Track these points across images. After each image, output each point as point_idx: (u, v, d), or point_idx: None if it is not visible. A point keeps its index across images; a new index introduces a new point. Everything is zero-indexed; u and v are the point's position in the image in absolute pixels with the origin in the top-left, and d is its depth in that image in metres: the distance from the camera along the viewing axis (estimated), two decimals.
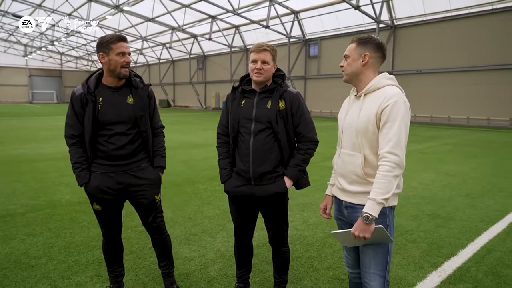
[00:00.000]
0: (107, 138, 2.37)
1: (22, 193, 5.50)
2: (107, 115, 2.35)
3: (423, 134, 14.67)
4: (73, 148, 2.42)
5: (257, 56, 2.28)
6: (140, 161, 2.48)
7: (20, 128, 16.09)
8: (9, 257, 3.29)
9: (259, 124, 2.31)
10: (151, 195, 2.50)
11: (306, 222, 4.28)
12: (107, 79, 2.39)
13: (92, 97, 2.33)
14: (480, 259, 3.30)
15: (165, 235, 2.68)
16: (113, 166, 2.40)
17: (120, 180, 2.41)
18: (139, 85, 2.46)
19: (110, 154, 2.38)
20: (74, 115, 2.40)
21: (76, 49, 52.07)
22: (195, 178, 6.55)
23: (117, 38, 2.30)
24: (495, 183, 6.27)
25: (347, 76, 1.94)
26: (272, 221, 2.47)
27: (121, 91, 2.41)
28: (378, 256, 1.85)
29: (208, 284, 2.88)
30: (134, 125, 2.42)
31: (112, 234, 2.58)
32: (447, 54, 20.84)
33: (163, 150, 2.62)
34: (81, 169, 2.41)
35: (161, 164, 2.58)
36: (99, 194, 2.40)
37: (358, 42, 1.89)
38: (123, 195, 2.49)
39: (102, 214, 2.50)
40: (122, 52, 2.29)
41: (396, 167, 1.70)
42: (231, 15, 28.16)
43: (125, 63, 2.30)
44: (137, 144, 2.45)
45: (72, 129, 2.42)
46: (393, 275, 3.00)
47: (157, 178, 2.55)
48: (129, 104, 2.40)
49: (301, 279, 2.95)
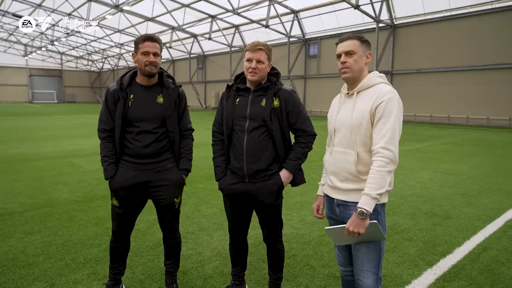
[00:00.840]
0: (134, 135, 2.41)
1: (20, 191, 5.52)
2: (136, 112, 2.40)
3: (422, 133, 14.68)
4: (104, 142, 2.49)
5: (252, 55, 2.29)
6: (166, 161, 2.50)
7: (20, 128, 16.11)
8: (7, 255, 3.31)
9: (253, 122, 2.32)
10: (170, 197, 2.51)
11: (303, 221, 4.30)
12: (139, 78, 2.46)
13: (123, 94, 2.40)
14: (475, 257, 3.32)
15: (177, 235, 2.70)
16: (139, 164, 2.44)
17: (144, 178, 2.44)
18: (170, 86, 2.50)
19: (136, 151, 2.41)
20: (107, 110, 2.46)
21: (76, 48, 52.10)
22: (193, 177, 6.57)
23: (143, 38, 2.37)
24: (492, 182, 6.28)
25: (352, 74, 1.87)
26: (266, 220, 2.48)
27: (152, 90, 2.47)
28: (371, 253, 1.87)
29: (204, 281, 2.89)
30: (161, 125, 2.45)
31: (122, 233, 2.59)
32: (447, 53, 20.85)
33: (190, 152, 2.62)
34: (109, 163, 2.45)
35: (186, 166, 2.58)
36: (120, 191, 2.44)
37: (360, 40, 1.89)
38: (144, 195, 2.51)
39: (118, 211, 2.52)
40: (146, 52, 2.34)
41: (390, 162, 1.72)
42: (231, 15, 28.17)
43: (148, 62, 2.34)
44: (164, 144, 2.48)
45: (104, 123, 2.48)
46: (388, 273, 3.02)
47: (180, 180, 2.55)
48: (159, 103, 2.45)
49: (297, 277, 2.97)
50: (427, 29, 21.73)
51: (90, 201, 5.03)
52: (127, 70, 2.56)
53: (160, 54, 2.42)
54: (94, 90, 63.80)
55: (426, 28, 21.76)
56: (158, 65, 2.40)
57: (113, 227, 2.60)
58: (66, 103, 57.85)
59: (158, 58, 2.39)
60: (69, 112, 31.22)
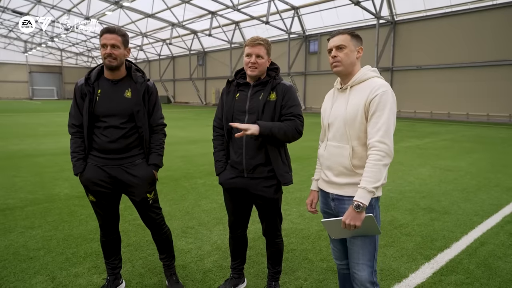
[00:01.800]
0: (102, 130, 2.39)
1: (21, 187, 5.55)
2: (102, 107, 2.37)
3: (422, 130, 14.69)
4: (73, 137, 2.47)
5: (252, 50, 2.31)
6: (134, 157, 2.45)
7: (20, 124, 16.13)
8: (8, 249, 3.34)
9: (252, 116, 2.33)
10: (142, 193, 2.47)
11: (302, 216, 4.33)
12: (106, 72, 2.42)
13: (90, 89, 2.37)
14: (472, 252, 3.35)
15: (164, 230, 2.67)
16: (106, 159, 2.41)
17: (112, 174, 2.41)
18: (139, 80, 2.44)
19: (103, 146, 2.39)
20: (75, 105, 2.45)
21: (76, 45, 52.07)
22: (193, 173, 6.60)
23: (102, 30, 2.34)
24: (491, 178, 6.30)
25: (344, 67, 1.89)
26: (266, 213, 2.50)
27: (120, 84, 2.42)
28: (366, 247, 1.88)
29: (203, 275, 2.92)
30: (129, 120, 2.40)
31: (108, 226, 2.59)
32: (447, 50, 20.82)
33: (160, 148, 2.55)
34: (77, 159, 2.44)
35: (155, 162, 2.51)
36: (91, 186, 2.43)
37: (351, 35, 1.90)
38: (117, 188, 2.49)
39: (97, 206, 2.52)
40: (104, 44, 2.30)
41: (385, 156, 1.73)
42: (231, 11, 28.11)
43: (106, 54, 2.29)
44: (132, 139, 2.43)
45: (73, 118, 2.46)
46: (385, 267, 3.05)
47: (149, 176, 2.48)
48: (126, 98, 2.40)
49: (295, 270, 3.00)
50: (427, 25, 21.69)
51: None
52: (97, 65, 2.51)
53: (122, 46, 2.33)
54: None
55: (427, 25, 21.72)
56: (119, 57, 2.32)
57: (99, 222, 2.59)
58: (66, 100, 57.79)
59: (118, 50, 2.31)
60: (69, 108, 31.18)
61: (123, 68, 2.43)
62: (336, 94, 2.00)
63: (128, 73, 2.46)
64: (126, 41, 2.38)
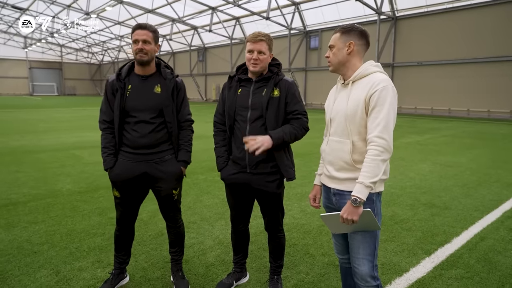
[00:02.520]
0: (132, 125, 2.43)
1: (23, 182, 5.58)
2: (133, 102, 2.41)
3: (423, 126, 14.69)
4: (104, 133, 2.51)
5: (253, 46, 2.31)
6: (164, 152, 2.49)
7: (21, 120, 16.14)
8: (12, 243, 3.37)
9: (255, 112, 2.34)
10: (168, 189, 2.51)
11: (304, 211, 4.35)
12: (136, 68, 2.47)
13: (121, 84, 2.41)
14: (473, 246, 3.37)
15: (179, 223, 2.73)
16: (137, 155, 2.45)
17: (142, 169, 2.45)
18: (168, 76, 2.49)
19: (134, 142, 2.42)
20: (106, 101, 2.49)
21: (76, 41, 51.92)
22: (195, 169, 6.62)
23: (134, 27, 2.40)
24: (491, 173, 6.32)
25: (334, 67, 1.96)
26: (268, 208, 2.52)
27: (150, 80, 2.47)
28: (366, 241, 1.90)
29: (206, 269, 2.95)
30: (159, 115, 2.45)
31: (126, 222, 2.63)
32: (448, 46, 20.77)
33: (188, 144, 2.59)
34: (108, 154, 2.48)
35: (185, 158, 2.55)
36: (119, 182, 2.47)
37: (342, 32, 1.92)
38: (144, 185, 2.53)
39: (120, 201, 2.55)
40: (136, 40, 2.36)
41: (384, 151, 1.74)
42: (231, 7, 28.02)
43: (138, 50, 2.34)
44: (162, 134, 2.47)
45: (104, 114, 2.50)
46: (386, 261, 3.08)
47: (178, 172, 2.53)
48: (156, 94, 2.45)
49: (297, 265, 3.03)
50: (428, 21, 21.62)
51: (93, 192, 5.08)
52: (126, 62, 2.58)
53: (153, 42, 2.39)
54: (94, 83, 63.69)
55: (428, 20, 21.65)
56: (150, 52, 2.37)
57: (117, 216, 2.64)
58: (66, 95, 57.77)
59: (149, 45, 2.36)
60: (70, 104, 31.23)
61: (153, 64, 2.48)
62: (339, 89, 2.01)
63: (157, 69, 2.51)
64: (157, 37, 2.44)
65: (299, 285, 2.73)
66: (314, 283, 2.75)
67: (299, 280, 2.79)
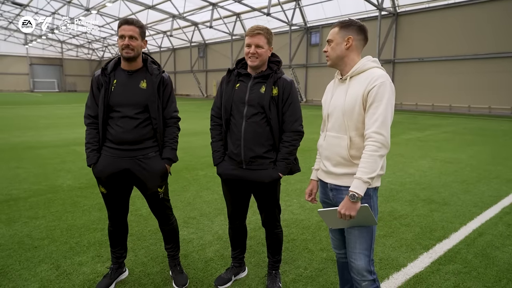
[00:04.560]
0: (116, 120, 2.40)
1: (24, 178, 5.60)
2: (118, 97, 2.39)
3: (423, 122, 14.67)
4: (88, 128, 2.49)
5: (251, 40, 2.30)
6: (148, 149, 2.45)
7: (22, 117, 16.17)
8: (13, 238, 3.39)
9: (251, 108, 2.34)
10: (153, 187, 2.48)
11: (302, 207, 4.37)
12: (122, 63, 2.45)
13: (106, 79, 2.39)
14: (471, 242, 3.39)
15: (171, 221, 2.70)
16: (120, 151, 2.42)
17: (125, 165, 2.42)
18: (154, 72, 2.46)
19: (117, 137, 2.39)
20: (92, 96, 2.47)
21: (76, 37, 51.81)
22: (194, 165, 6.64)
23: (120, 22, 2.37)
24: (491, 170, 6.33)
25: (332, 61, 1.95)
26: (264, 205, 2.53)
27: (136, 75, 2.44)
28: (363, 236, 1.91)
29: (205, 264, 2.97)
30: (144, 110, 2.41)
31: (117, 218, 2.63)
32: (449, 42, 20.70)
33: (173, 141, 2.54)
34: (91, 150, 2.46)
35: (169, 156, 2.50)
36: (103, 178, 2.45)
37: (340, 26, 1.91)
38: (129, 180, 2.51)
39: (107, 197, 2.55)
40: (122, 35, 2.33)
41: (381, 146, 1.75)
42: (232, 3, 27.94)
43: (124, 45, 2.32)
44: (146, 131, 2.43)
45: (89, 109, 2.48)
46: (384, 256, 3.09)
47: (162, 170, 2.48)
48: (142, 89, 2.42)
49: (295, 260, 3.05)
50: (429, 17, 21.54)
51: (93, 188, 5.10)
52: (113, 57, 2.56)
53: (139, 37, 2.36)
54: None
55: (429, 17, 21.57)
56: (136, 48, 2.35)
57: (108, 212, 2.63)
58: (67, 92, 57.73)
59: (136, 41, 2.34)
60: (70, 101, 31.23)
61: (139, 60, 2.46)
62: (336, 84, 2.01)
63: (144, 64, 2.49)
64: (143, 33, 2.41)
65: (297, 279, 2.75)
66: (312, 277, 2.77)
67: (297, 274, 2.81)
